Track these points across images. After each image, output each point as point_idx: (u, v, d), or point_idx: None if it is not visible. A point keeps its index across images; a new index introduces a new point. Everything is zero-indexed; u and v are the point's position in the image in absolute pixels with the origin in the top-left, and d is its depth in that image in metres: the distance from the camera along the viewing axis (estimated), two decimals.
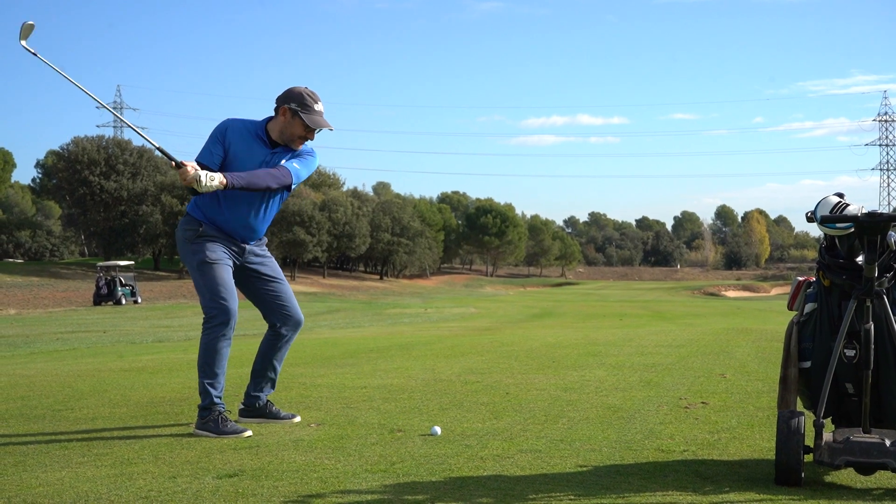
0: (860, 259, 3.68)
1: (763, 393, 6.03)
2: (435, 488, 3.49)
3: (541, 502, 3.31)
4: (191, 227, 4.90)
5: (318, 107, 4.87)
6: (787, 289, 4.10)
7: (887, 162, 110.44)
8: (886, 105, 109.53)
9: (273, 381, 5.17)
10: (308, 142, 4.97)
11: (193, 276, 4.88)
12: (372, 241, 76.04)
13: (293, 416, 5.11)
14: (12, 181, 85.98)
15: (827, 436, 3.58)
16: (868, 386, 3.60)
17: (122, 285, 44.92)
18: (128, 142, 71.52)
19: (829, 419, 3.90)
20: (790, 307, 4.01)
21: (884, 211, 3.53)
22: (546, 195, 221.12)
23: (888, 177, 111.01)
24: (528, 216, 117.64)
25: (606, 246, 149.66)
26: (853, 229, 3.61)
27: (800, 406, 3.98)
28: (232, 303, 4.78)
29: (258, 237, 5.05)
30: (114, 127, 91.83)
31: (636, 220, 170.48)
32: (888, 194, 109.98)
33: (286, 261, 67.84)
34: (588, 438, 4.46)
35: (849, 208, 3.68)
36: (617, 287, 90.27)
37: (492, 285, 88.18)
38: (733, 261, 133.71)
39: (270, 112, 4.96)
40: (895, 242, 3.61)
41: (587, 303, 46.92)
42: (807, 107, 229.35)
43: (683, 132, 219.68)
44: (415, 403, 5.66)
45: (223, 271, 4.82)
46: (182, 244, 4.93)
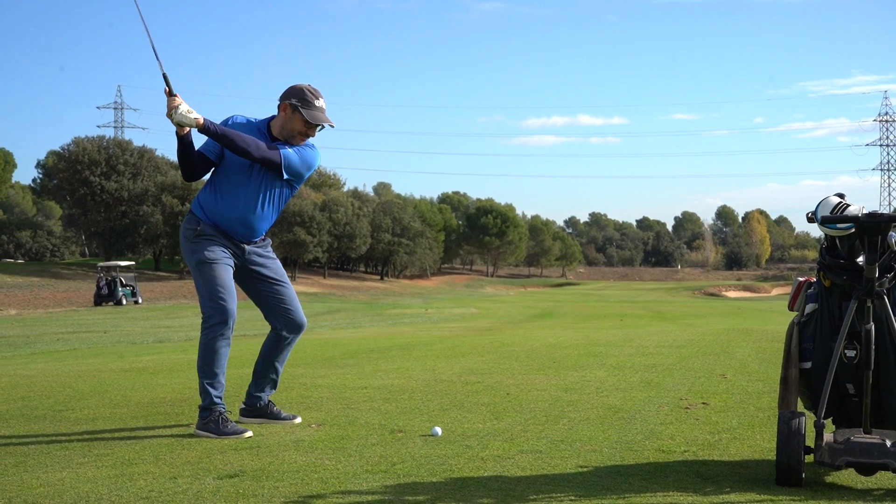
0: (861, 260, 3.68)
1: (764, 393, 6.03)
2: (436, 489, 3.49)
3: (541, 503, 3.31)
4: (190, 226, 4.89)
5: (319, 103, 4.84)
6: (788, 289, 4.11)
7: (888, 162, 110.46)
8: (887, 105, 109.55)
9: (275, 382, 5.17)
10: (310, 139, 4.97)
11: (193, 276, 4.87)
12: (372, 242, 76.03)
13: (294, 417, 5.10)
14: (13, 181, 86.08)
15: (828, 436, 3.58)
16: (869, 386, 3.60)
17: (123, 286, 44.93)
18: (128, 142, 71.58)
19: (830, 420, 3.90)
20: (791, 308, 4.02)
21: (884, 211, 3.53)
22: (546, 195, 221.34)
23: (889, 177, 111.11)
24: (529, 216, 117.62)
25: (607, 246, 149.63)
26: (854, 230, 3.61)
27: (800, 407, 3.98)
28: (230, 303, 4.76)
29: (257, 236, 4.99)
30: (114, 127, 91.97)
31: (637, 221, 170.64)
32: (889, 195, 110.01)
33: (287, 261, 67.78)
34: (589, 439, 4.46)
35: (849, 209, 3.68)
36: (617, 287, 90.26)
37: (492, 286, 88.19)
38: (734, 261, 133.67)
39: (268, 113, 4.96)
40: None
41: (588, 303, 46.91)
42: (807, 107, 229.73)
43: (684, 132, 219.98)
44: (415, 404, 5.66)
45: (222, 271, 4.79)
46: (183, 243, 4.93)
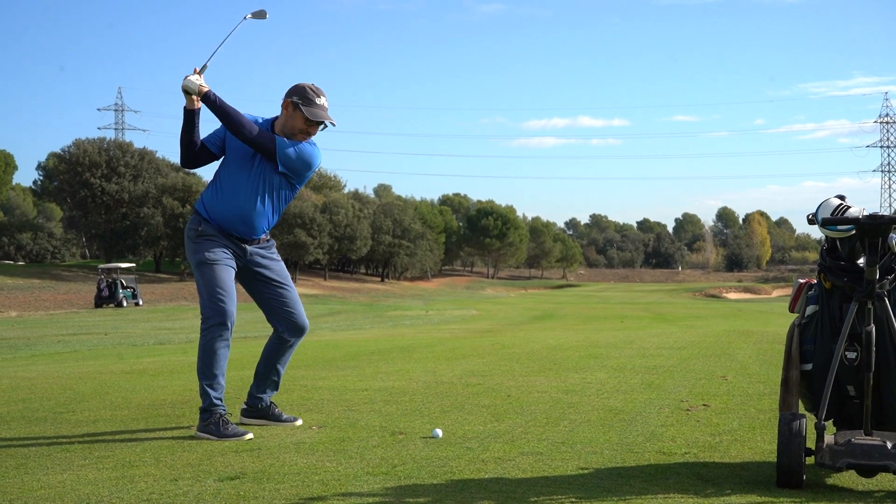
0: (861, 261, 3.68)
1: (764, 395, 6.03)
2: (436, 491, 3.49)
3: None
4: (193, 226, 4.91)
5: (321, 101, 4.82)
6: (789, 291, 4.10)
7: (888, 164, 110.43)
8: (888, 107, 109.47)
9: (276, 384, 5.17)
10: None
11: (195, 276, 4.88)
12: (373, 244, 76.03)
13: (295, 420, 5.10)
14: (13, 183, 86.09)
15: (828, 438, 3.58)
16: (869, 388, 3.60)
17: (124, 287, 44.92)
18: (129, 144, 71.62)
19: (831, 421, 3.90)
20: (791, 309, 4.01)
21: (885, 213, 3.53)
22: (547, 197, 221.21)
23: (889, 179, 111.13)
24: (530, 218, 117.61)
25: (607, 248, 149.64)
26: (854, 232, 3.61)
27: (801, 408, 3.98)
28: (229, 304, 4.75)
29: (257, 234, 4.95)
30: (115, 129, 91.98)
31: (637, 222, 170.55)
32: (889, 196, 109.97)
33: (287, 263, 67.49)
34: (589, 441, 4.46)
35: (850, 210, 3.68)
36: (618, 289, 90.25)
37: (493, 287, 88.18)
38: (734, 263, 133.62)
39: (272, 112, 4.97)
40: None
41: (588, 305, 46.89)
42: (808, 108, 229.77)
43: (684, 134, 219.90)
44: (416, 406, 5.66)
45: (222, 272, 4.78)
46: (186, 242, 4.95)
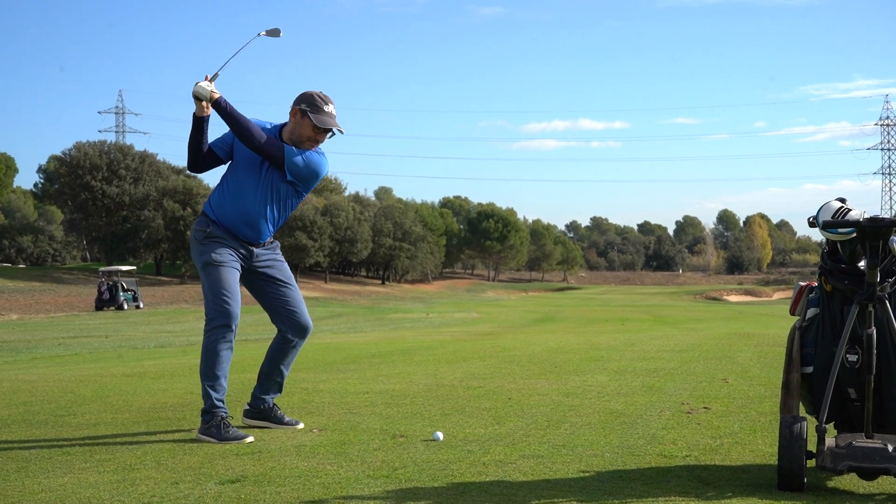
0: (862, 264, 3.68)
1: (765, 398, 6.02)
2: (437, 494, 3.49)
3: None
4: (200, 228, 4.93)
5: (329, 108, 4.85)
6: (790, 293, 4.11)
7: (889, 166, 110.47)
8: (888, 109, 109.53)
9: (280, 385, 5.18)
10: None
11: (200, 277, 4.90)
12: (374, 246, 76.06)
13: (297, 423, 5.10)
14: (14, 186, 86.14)
15: (829, 441, 3.58)
16: (870, 391, 3.59)
17: (124, 290, 44.97)
18: (130, 147, 71.71)
19: (832, 424, 3.90)
20: (792, 312, 4.01)
21: (886, 216, 3.53)
22: (548, 200, 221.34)
23: (890, 181, 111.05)
24: (530, 221, 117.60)
25: (608, 250, 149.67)
26: (855, 234, 3.61)
27: (802, 411, 3.98)
28: (234, 306, 4.78)
29: (263, 238, 5.00)
30: (116, 132, 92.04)
31: (638, 225, 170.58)
32: (890, 198, 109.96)
33: (288, 265, 68.00)
34: (590, 444, 4.45)
35: (851, 213, 3.68)
36: (619, 292, 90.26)
37: (494, 290, 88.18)
38: (735, 265, 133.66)
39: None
40: None
41: (589, 307, 46.90)
42: (809, 111, 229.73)
43: (685, 136, 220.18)
44: (417, 409, 5.66)
45: (227, 274, 4.81)
46: (192, 243, 4.96)
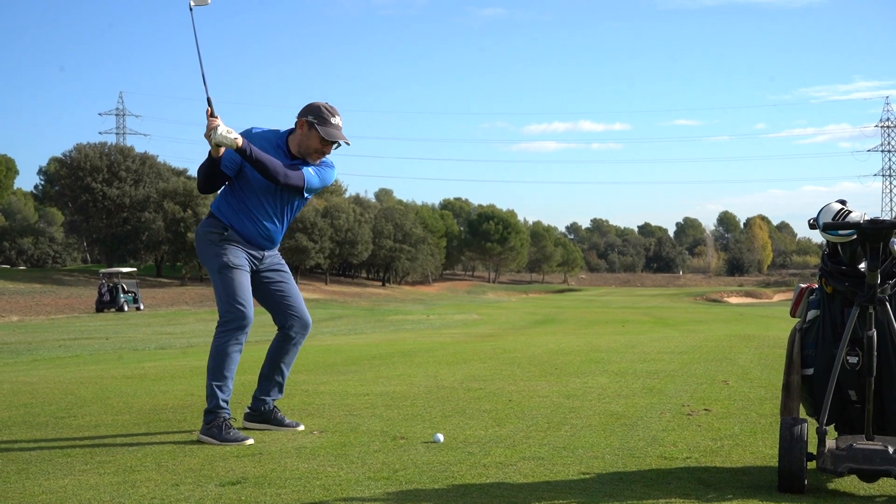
0: (863, 266, 3.68)
1: (766, 400, 6.02)
2: (438, 496, 3.49)
3: None
4: (215, 230, 4.93)
5: (336, 120, 4.90)
6: (790, 295, 4.12)
7: (889, 168, 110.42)
8: (889, 111, 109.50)
9: (281, 386, 5.20)
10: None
11: (213, 279, 4.93)
12: (374, 248, 76.06)
13: (297, 424, 5.11)
14: (15, 188, 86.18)
15: (830, 443, 3.58)
16: (871, 393, 3.60)
17: (125, 292, 44.96)
18: (130, 148, 71.72)
19: (833, 426, 3.90)
20: (793, 314, 4.01)
21: (886, 218, 3.53)
22: (548, 201, 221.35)
23: (890, 183, 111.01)
24: (531, 222, 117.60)
25: (609, 252, 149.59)
26: (856, 236, 3.61)
27: (803, 413, 3.98)
28: (249, 309, 4.88)
29: (276, 246, 5.17)
30: (116, 134, 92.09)
31: (638, 227, 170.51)
32: (891, 200, 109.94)
33: (289, 267, 68.09)
34: (591, 446, 4.46)
35: (851, 215, 3.68)
36: (619, 293, 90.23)
37: (494, 292, 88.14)
38: (736, 267, 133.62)
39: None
40: None
41: (589, 309, 46.89)
42: (809, 113, 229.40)
43: (685, 138, 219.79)
44: (417, 411, 5.66)
45: (244, 278, 4.91)
46: (205, 245, 4.95)
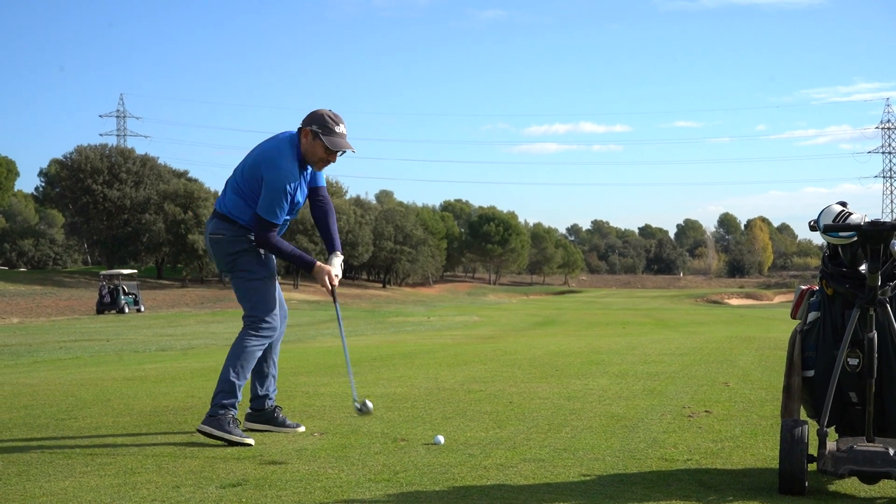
0: (863, 268, 3.68)
1: (766, 401, 6.02)
2: (438, 497, 3.49)
3: None
4: (241, 235, 4.97)
5: (340, 129, 4.91)
6: (790, 297, 4.12)
7: (890, 170, 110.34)
8: (889, 112, 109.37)
9: (275, 378, 5.26)
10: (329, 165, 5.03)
11: (252, 284, 4.97)
12: (375, 250, 76.06)
13: (298, 426, 5.12)
14: (15, 190, 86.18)
15: (830, 445, 3.58)
16: (872, 395, 3.60)
17: (125, 294, 44.94)
18: (131, 150, 71.76)
19: (833, 428, 3.90)
20: (793, 316, 4.02)
21: (887, 220, 3.53)
22: (549, 203, 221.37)
23: (891, 184, 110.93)
24: (531, 224, 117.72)
25: (609, 254, 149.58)
26: (856, 238, 3.61)
27: (803, 415, 3.98)
28: (279, 320, 5.09)
29: None
30: (117, 135, 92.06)
31: (639, 228, 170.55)
32: (891, 202, 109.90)
33: (289, 269, 67.91)
34: (591, 447, 4.46)
35: (852, 217, 3.68)
36: (620, 295, 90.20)
37: (495, 293, 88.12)
38: (736, 269, 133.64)
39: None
40: None
41: (590, 311, 46.88)
42: (809, 114, 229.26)
43: (686, 140, 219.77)
44: (418, 412, 5.66)
45: (276, 288, 5.08)
46: (233, 245, 4.95)
